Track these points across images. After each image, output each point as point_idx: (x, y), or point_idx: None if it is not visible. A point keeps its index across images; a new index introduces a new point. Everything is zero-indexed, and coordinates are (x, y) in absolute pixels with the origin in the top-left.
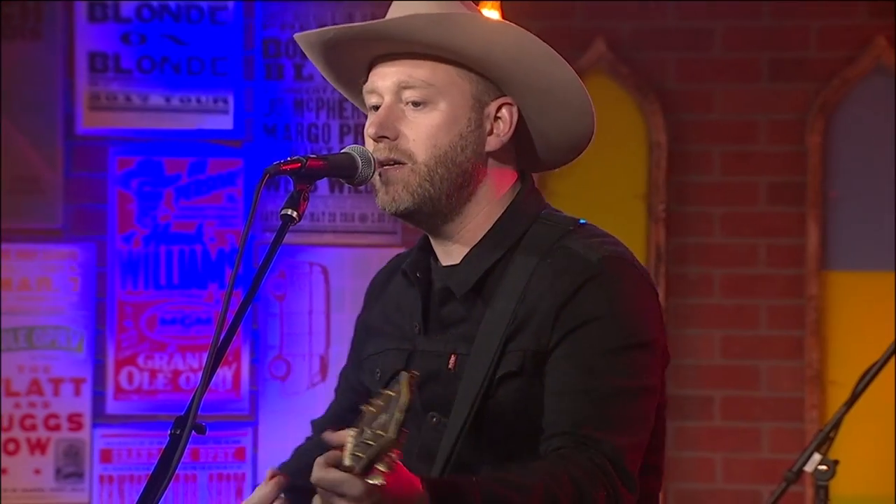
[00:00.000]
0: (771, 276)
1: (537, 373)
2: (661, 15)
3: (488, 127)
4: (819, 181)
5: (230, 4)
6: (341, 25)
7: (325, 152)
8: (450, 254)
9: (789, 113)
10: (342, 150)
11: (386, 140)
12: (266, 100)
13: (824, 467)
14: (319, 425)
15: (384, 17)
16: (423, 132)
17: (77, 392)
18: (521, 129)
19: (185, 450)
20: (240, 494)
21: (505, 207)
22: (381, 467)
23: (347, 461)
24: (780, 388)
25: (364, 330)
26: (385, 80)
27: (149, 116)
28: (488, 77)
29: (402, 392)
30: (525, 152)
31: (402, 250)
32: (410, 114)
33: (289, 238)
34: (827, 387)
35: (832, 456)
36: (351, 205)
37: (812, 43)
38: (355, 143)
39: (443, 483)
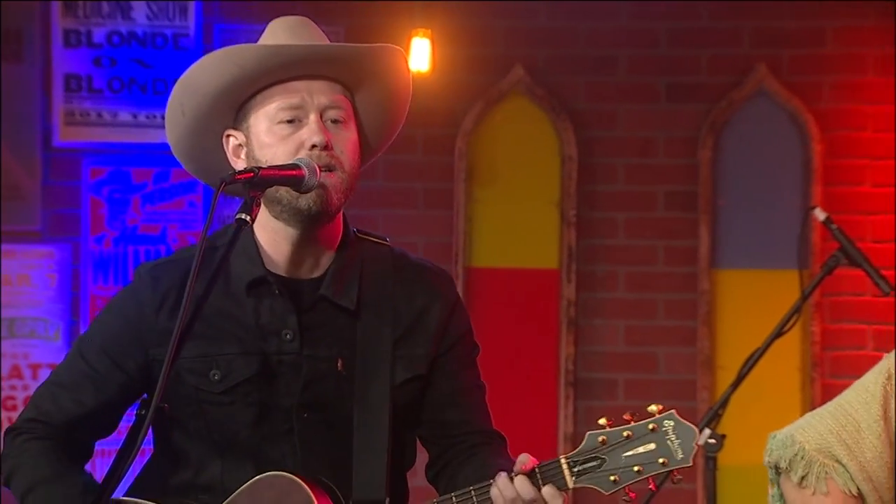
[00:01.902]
0: (668, 274)
1: (428, 373)
2: (572, 43)
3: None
4: (709, 191)
5: (191, 32)
6: (314, 44)
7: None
8: (303, 266)
9: (683, 130)
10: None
11: (326, 150)
12: None
13: (713, 441)
14: (49, 421)
15: (336, 40)
16: (347, 147)
17: None
18: None
19: (150, 428)
20: None
21: (340, 236)
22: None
23: (571, 483)
24: (676, 372)
25: (155, 328)
26: (315, 98)
27: (118, 131)
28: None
29: (683, 425)
30: None
31: None
32: (332, 129)
33: None
34: (716, 370)
35: (720, 431)
36: None
37: (703, 69)
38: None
39: None
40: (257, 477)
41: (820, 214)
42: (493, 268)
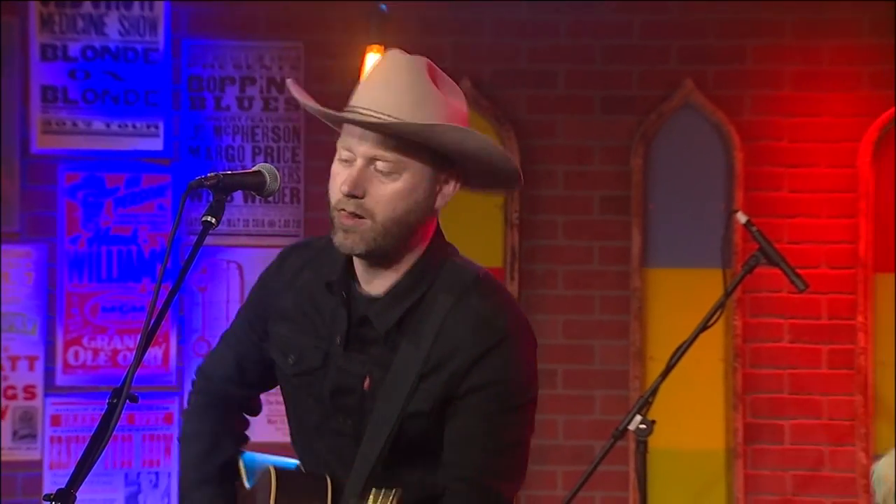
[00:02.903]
0: (603, 272)
1: (442, 413)
2: (515, 59)
3: (437, 191)
4: (641, 195)
5: (160, 46)
6: (351, 117)
7: (239, 170)
8: (372, 282)
9: (617, 140)
10: (253, 168)
11: (354, 198)
12: (190, 126)
13: (644, 426)
14: (212, 375)
15: (293, 57)
16: (385, 197)
17: (31, 367)
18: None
19: (121, 415)
20: (168, 452)
21: (417, 258)
22: None
23: None
24: (610, 363)
25: (274, 302)
26: (362, 146)
27: (92, 139)
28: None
29: None
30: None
31: None
32: (377, 178)
33: (209, 240)
34: (647, 361)
35: (650, 417)
36: (262, 213)
37: (635, 83)
38: (264, 162)
39: None
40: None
41: (741, 217)
42: None
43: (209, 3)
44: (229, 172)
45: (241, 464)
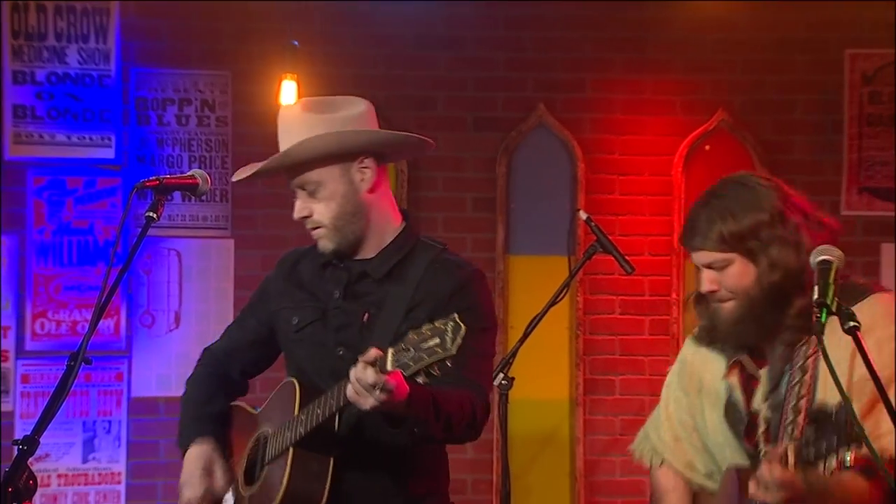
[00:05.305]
0: (474, 258)
1: None
2: (404, 86)
3: (357, 179)
4: (504, 197)
5: (113, 73)
6: (262, 165)
7: (177, 174)
8: (364, 253)
9: (486, 152)
10: (189, 173)
11: (307, 218)
12: (137, 138)
13: (505, 382)
14: (215, 352)
15: (222, 83)
16: (321, 209)
17: (5, 336)
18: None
19: (78, 374)
20: (118, 405)
21: (399, 231)
22: (432, 371)
23: (390, 367)
24: None
25: (274, 291)
26: (291, 181)
27: (56, 149)
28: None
29: (458, 325)
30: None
31: (230, 241)
32: (311, 200)
33: (152, 232)
34: (508, 330)
35: (511, 374)
36: (196, 209)
37: (499, 106)
38: (199, 168)
39: (413, 387)
40: (281, 383)
41: (583, 215)
42: None
43: (154, 39)
44: (169, 177)
45: (242, 405)
